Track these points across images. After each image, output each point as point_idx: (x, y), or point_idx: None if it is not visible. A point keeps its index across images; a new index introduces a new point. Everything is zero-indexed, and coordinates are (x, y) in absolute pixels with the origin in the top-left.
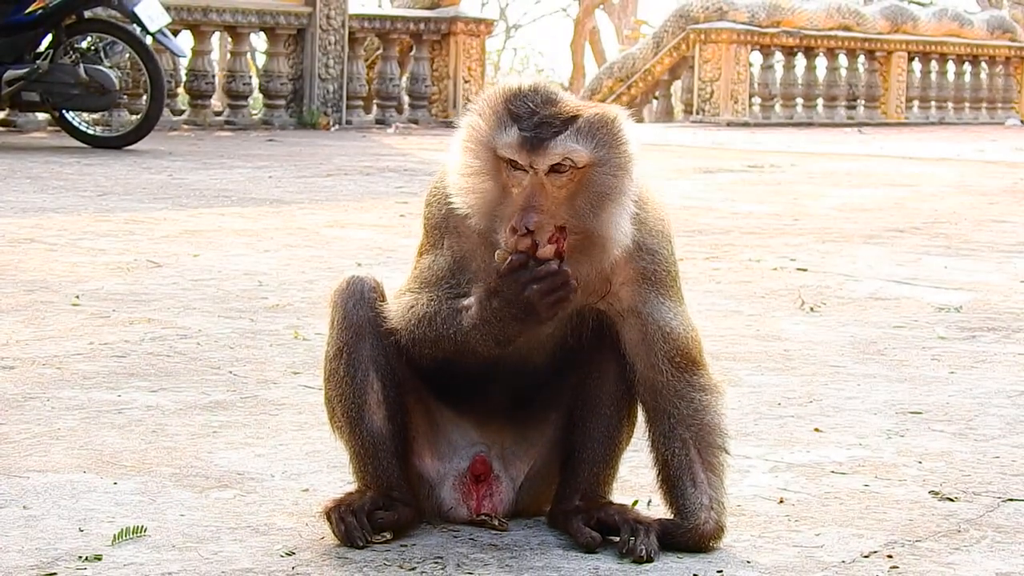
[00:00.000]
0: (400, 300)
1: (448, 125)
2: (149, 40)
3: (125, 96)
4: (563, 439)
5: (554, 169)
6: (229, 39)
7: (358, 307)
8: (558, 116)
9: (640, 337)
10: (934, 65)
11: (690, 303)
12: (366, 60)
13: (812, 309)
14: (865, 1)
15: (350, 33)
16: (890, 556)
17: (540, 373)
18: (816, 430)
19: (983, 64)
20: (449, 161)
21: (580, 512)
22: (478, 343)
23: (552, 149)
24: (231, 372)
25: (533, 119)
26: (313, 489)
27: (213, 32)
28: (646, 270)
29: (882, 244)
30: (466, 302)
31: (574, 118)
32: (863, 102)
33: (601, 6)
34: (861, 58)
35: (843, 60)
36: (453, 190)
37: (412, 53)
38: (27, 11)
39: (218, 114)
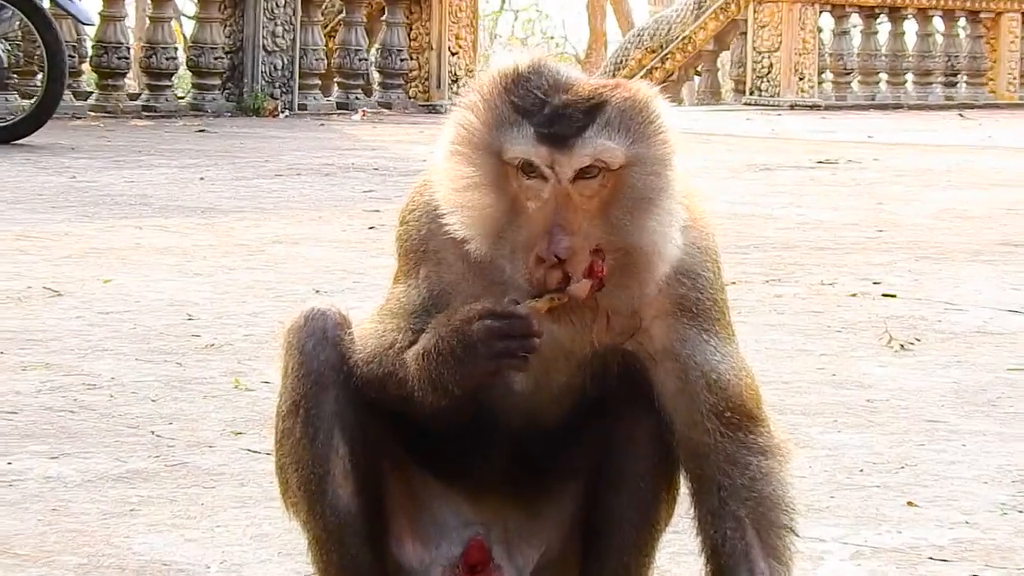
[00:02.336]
0: (357, 331)
1: (431, 110)
2: (46, 3)
3: (15, 75)
4: (584, 518)
5: (582, 174)
6: (148, 2)
7: (319, 348)
8: (577, 104)
9: (679, 386)
10: None
11: (744, 340)
12: (324, 27)
13: (903, 347)
14: None
15: None
16: None
17: (553, 433)
18: (910, 504)
19: None
20: (436, 169)
21: None
22: (416, 385)
23: (580, 150)
24: (153, 432)
25: (545, 111)
26: None
27: None
28: (685, 299)
29: (992, 262)
30: (423, 334)
31: (599, 105)
32: (965, 78)
33: None
34: (962, 21)
35: (939, 24)
36: (445, 207)
37: (383, 17)
38: None
39: (134, 97)
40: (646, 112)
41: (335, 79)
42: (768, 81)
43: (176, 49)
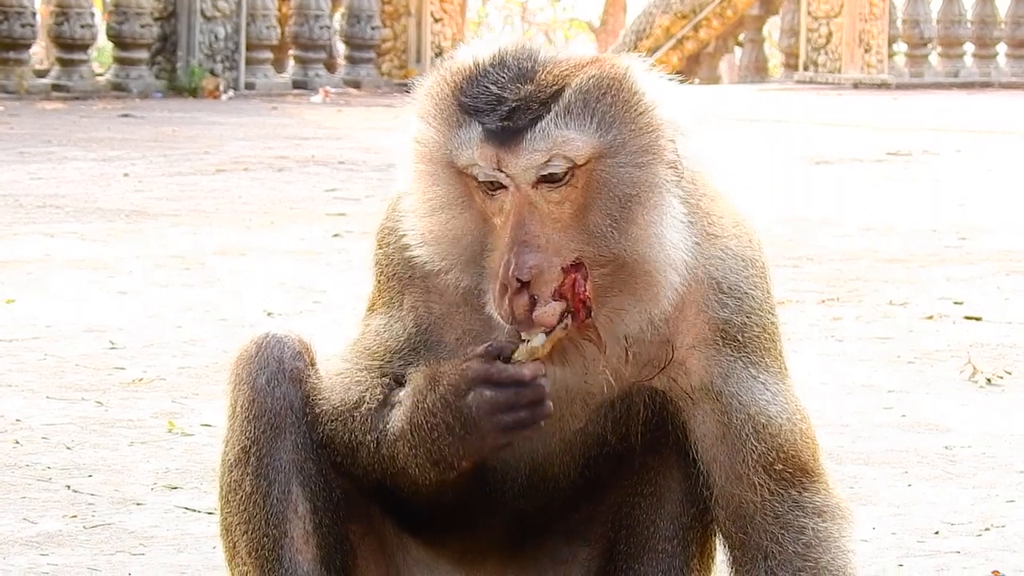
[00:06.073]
0: (324, 370)
1: (409, 89)
2: None
3: None
4: None
5: (545, 177)
6: None
7: (274, 384)
8: (536, 95)
9: (720, 431)
10: None
11: (794, 373)
12: None
13: (989, 381)
14: None
15: None
16: None
17: (563, 490)
18: (996, 574)
19: None
20: (400, 193)
21: None
22: (407, 459)
23: (531, 144)
24: (69, 487)
25: (501, 108)
26: None
27: None
28: (728, 323)
29: None
30: (403, 392)
31: (559, 91)
32: None
33: None
34: None
35: None
36: (413, 236)
37: None
38: None
39: (41, 74)
40: (619, 90)
41: (290, 52)
42: (827, 54)
43: (93, 15)
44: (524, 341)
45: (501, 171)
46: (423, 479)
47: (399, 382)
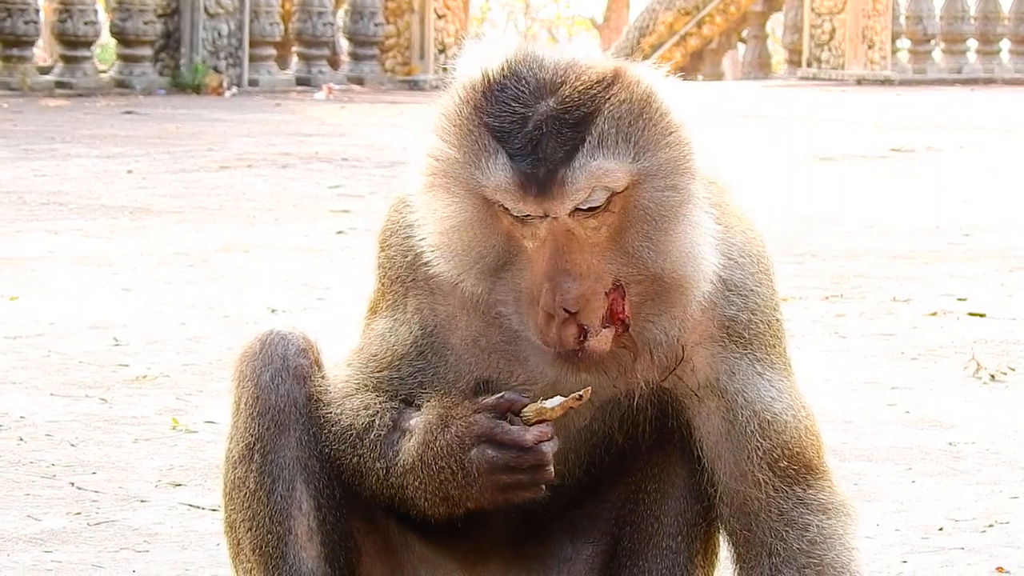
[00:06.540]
0: (332, 375)
1: (413, 86)
2: None
3: None
4: None
5: (582, 206)
6: None
7: (278, 380)
8: (564, 117)
9: (725, 428)
10: None
11: (797, 369)
12: None
13: (993, 377)
14: None
15: None
16: None
17: (567, 487)
18: (1000, 571)
19: None
20: (414, 204)
21: None
22: (416, 491)
23: (572, 183)
24: (73, 484)
25: (527, 132)
26: None
27: None
28: (734, 320)
29: None
30: (415, 420)
31: (590, 116)
32: None
33: None
34: None
35: None
36: (428, 248)
37: None
38: None
39: (45, 71)
40: (649, 112)
41: (294, 48)
42: (830, 50)
43: (96, 11)
44: (540, 399)
45: (543, 212)
46: (432, 511)
47: (408, 402)
